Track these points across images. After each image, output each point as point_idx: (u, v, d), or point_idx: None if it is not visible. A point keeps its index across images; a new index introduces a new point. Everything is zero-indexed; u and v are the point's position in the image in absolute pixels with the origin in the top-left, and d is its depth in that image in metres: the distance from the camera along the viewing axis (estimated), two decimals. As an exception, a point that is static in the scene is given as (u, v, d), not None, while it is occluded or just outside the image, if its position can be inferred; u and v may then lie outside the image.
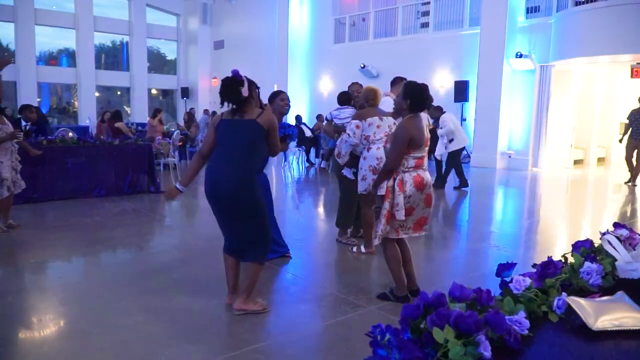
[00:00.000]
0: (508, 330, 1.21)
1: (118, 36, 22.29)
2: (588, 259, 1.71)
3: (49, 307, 3.45)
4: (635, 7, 10.10)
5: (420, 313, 1.24)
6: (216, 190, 3.16)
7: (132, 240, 5.30)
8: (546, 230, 6.42)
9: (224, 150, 3.20)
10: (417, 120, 3.47)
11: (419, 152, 3.44)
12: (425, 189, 3.44)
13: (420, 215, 3.50)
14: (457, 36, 14.06)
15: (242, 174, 3.15)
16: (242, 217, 3.20)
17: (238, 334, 3.07)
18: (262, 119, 3.18)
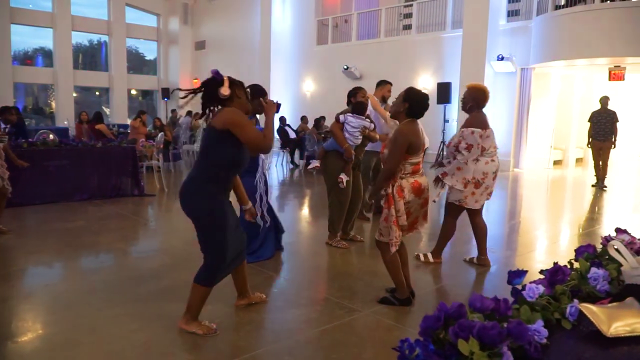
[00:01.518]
0: (529, 340, 1.21)
1: (95, 36, 21.94)
2: (594, 265, 1.73)
3: (37, 316, 3.37)
4: (613, 12, 10.31)
5: (441, 324, 1.24)
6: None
7: (119, 245, 5.21)
8: (531, 231, 6.50)
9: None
10: (415, 125, 3.49)
11: (415, 158, 3.46)
12: (423, 194, 3.48)
13: (414, 216, 3.54)
14: (439, 38, 14.18)
15: (190, 186, 3.02)
16: (196, 227, 3.08)
17: (234, 342, 3.04)
18: (215, 121, 2.92)
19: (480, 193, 4.42)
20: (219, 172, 2.98)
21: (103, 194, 7.48)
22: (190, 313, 3.12)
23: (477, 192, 4.40)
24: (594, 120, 9.58)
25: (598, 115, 9.57)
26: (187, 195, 3.00)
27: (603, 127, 9.35)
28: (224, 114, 2.93)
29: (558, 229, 6.66)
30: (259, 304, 3.56)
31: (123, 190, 7.71)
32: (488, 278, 4.47)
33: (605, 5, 10.37)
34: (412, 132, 3.44)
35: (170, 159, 10.53)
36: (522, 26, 12.55)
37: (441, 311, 1.25)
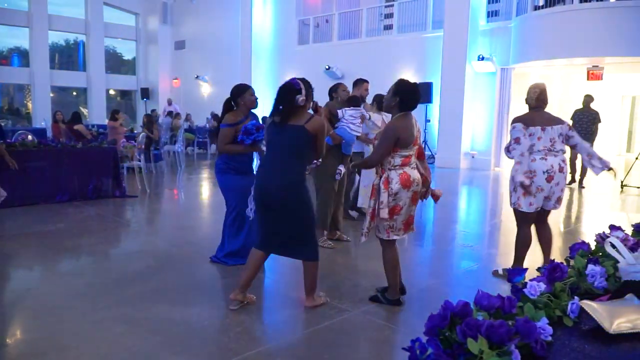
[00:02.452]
0: (536, 338, 1.20)
1: (72, 35, 21.58)
2: (591, 262, 1.74)
3: (21, 321, 3.29)
4: (591, 12, 10.48)
5: (447, 323, 1.23)
6: (265, 195, 3.34)
7: (102, 247, 5.12)
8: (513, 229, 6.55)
9: (272, 155, 3.41)
10: (406, 119, 3.48)
11: (406, 151, 3.43)
12: (412, 187, 3.42)
13: (408, 214, 3.50)
14: (420, 39, 14.26)
15: (291, 180, 3.33)
16: (294, 220, 3.35)
17: (224, 344, 2.99)
18: (310, 125, 3.33)
19: (533, 194, 4.04)
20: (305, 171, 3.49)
21: (84, 195, 7.34)
22: (314, 290, 3.51)
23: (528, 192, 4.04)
24: (575, 119, 9.47)
25: (580, 114, 9.48)
26: (295, 194, 3.33)
27: (585, 127, 9.27)
28: (319, 121, 3.43)
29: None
30: (248, 305, 3.52)
31: (104, 191, 7.58)
32: (473, 276, 4.50)
33: (584, 5, 10.53)
34: (402, 126, 3.43)
35: (151, 160, 10.38)
36: (502, 26, 12.69)
37: (447, 310, 1.24)
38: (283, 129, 3.35)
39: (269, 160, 3.42)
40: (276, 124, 3.38)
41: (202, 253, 4.80)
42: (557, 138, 4.06)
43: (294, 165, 3.36)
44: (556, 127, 4.07)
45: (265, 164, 3.44)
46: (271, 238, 3.45)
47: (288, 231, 3.38)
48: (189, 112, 18.07)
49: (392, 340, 3.15)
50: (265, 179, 3.37)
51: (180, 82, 22.16)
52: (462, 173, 12.13)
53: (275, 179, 3.31)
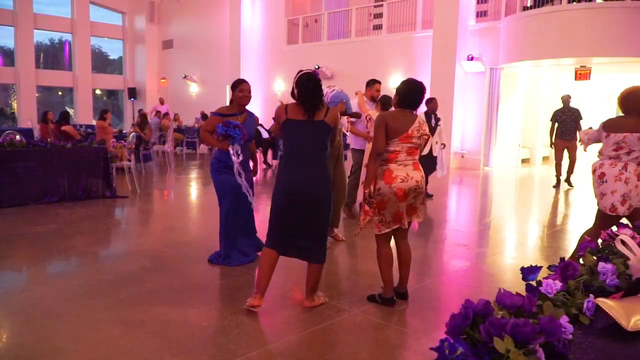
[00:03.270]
0: (559, 336, 1.19)
1: (56, 34, 21.33)
2: (601, 260, 1.74)
3: (15, 324, 3.22)
4: (580, 13, 10.58)
5: (470, 322, 1.21)
6: (298, 192, 3.29)
7: (95, 248, 5.05)
8: (504, 229, 6.60)
9: (300, 152, 3.33)
10: (399, 112, 3.49)
11: (392, 146, 3.42)
12: (394, 183, 3.38)
13: (395, 209, 3.46)
14: (409, 38, 14.29)
15: (323, 176, 3.34)
16: (319, 217, 3.35)
17: (224, 345, 2.96)
18: (329, 119, 3.31)
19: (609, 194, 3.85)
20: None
21: (73, 196, 7.25)
22: (315, 290, 3.51)
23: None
24: (558, 120, 9.57)
25: (562, 114, 9.57)
26: (327, 191, 3.36)
27: (568, 126, 9.40)
28: (335, 112, 3.38)
29: (529, 226, 6.79)
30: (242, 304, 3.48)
31: (94, 192, 7.49)
32: (468, 275, 4.50)
33: (572, 6, 10.63)
34: (390, 115, 3.47)
35: (140, 160, 10.28)
36: (490, 27, 12.77)
37: (468, 309, 1.22)
38: (309, 125, 3.29)
39: (298, 158, 3.32)
40: (296, 120, 3.30)
41: (197, 253, 4.76)
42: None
43: (323, 161, 3.35)
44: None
45: (295, 162, 3.33)
46: (288, 238, 3.38)
47: (310, 230, 3.35)
48: (177, 112, 17.94)
49: (393, 340, 3.13)
50: (300, 176, 3.29)
51: (168, 81, 22.01)
52: (452, 172, 12.17)
53: (311, 176, 3.28)
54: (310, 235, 3.35)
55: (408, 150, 3.48)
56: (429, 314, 3.54)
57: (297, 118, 3.30)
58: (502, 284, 4.25)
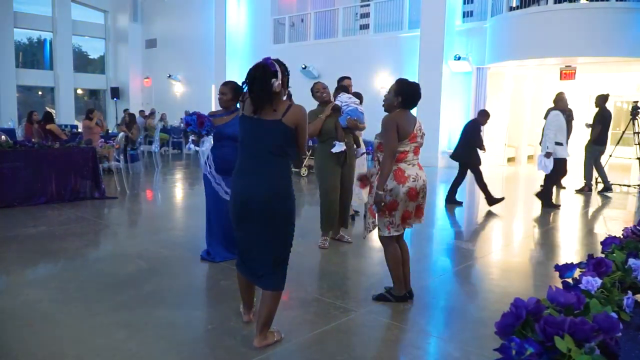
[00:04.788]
0: (616, 333, 1.18)
1: (35, 33, 20.93)
2: (630, 256, 1.73)
3: (14, 329, 3.11)
4: (565, 13, 10.71)
5: (522, 321, 1.19)
6: (244, 206, 2.73)
7: (89, 250, 4.94)
8: (502, 227, 6.64)
9: (248, 157, 2.77)
10: (404, 114, 3.49)
11: (401, 147, 3.43)
12: (407, 182, 3.41)
13: (404, 209, 3.47)
14: (396, 38, 14.33)
15: (276, 187, 2.73)
16: (271, 236, 2.75)
17: (232, 347, 2.90)
18: (289, 119, 2.71)
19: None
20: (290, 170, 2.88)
21: (62, 197, 7.09)
22: (268, 325, 2.87)
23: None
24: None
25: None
26: (282, 197, 2.74)
27: None
28: (298, 112, 2.75)
29: (525, 224, 6.83)
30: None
31: (82, 193, 7.33)
32: (469, 273, 4.49)
33: (558, 6, 10.75)
34: (400, 117, 3.45)
35: (127, 160, 10.12)
36: (477, 27, 12.87)
37: (520, 308, 1.19)
38: (258, 124, 2.71)
39: (246, 163, 2.77)
40: (247, 117, 2.75)
41: (193, 254, 4.68)
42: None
43: (277, 167, 2.74)
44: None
45: (242, 167, 2.78)
46: (247, 260, 2.87)
47: (263, 251, 2.77)
48: (161, 112, 17.73)
49: (402, 340, 3.11)
50: (245, 186, 2.73)
51: (151, 81, 21.75)
52: (439, 171, 12.22)
53: (257, 186, 2.69)
54: (267, 258, 2.77)
55: (414, 150, 3.52)
56: (434, 313, 3.53)
57: (247, 115, 2.76)
58: (504, 281, 4.26)
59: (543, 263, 4.84)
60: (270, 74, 2.67)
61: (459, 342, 3.01)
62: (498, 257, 5.05)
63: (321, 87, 4.92)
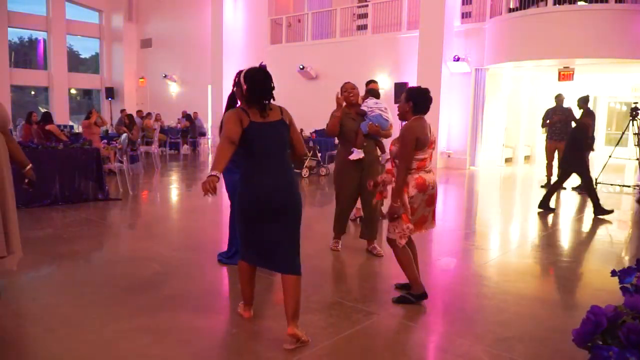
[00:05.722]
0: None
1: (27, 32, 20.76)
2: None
3: (38, 335, 3.07)
4: (564, 15, 10.77)
5: (603, 328, 1.19)
6: (274, 201, 2.90)
7: (100, 253, 4.91)
8: (505, 227, 6.67)
9: (268, 157, 2.94)
10: (421, 121, 3.54)
11: (422, 154, 3.50)
12: (427, 190, 3.49)
13: (420, 214, 3.54)
14: (395, 39, 14.34)
15: (294, 180, 3.06)
16: (292, 224, 3.01)
17: (260, 352, 2.89)
18: (287, 117, 3.05)
19: None
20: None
21: (65, 199, 7.02)
22: (299, 313, 2.98)
23: None
24: (550, 118, 9.47)
25: (553, 113, 9.46)
26: (297, 191, 3.05)
27: (559, 126, 9.29)
28: (287, 111, 3.08)
29: (529, 226, 6.86)
30: (269, 311, 3.41)
31: (86, 194, 7.27)
32: (482, 274, 4.50)
33: (557, 8, 10.81)
34: (418, 127, 3.49)
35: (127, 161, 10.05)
36: (476, 28, 12.90)
37: (599, 315, 1.19)
38: (269, 126, 2.92)
39: (267, 163, 2.94)
40: (259, 122, 2.90)
41: (207, 257, 4.67)
42: None
43: (290, 164, 3.07)
44: None
45: (264, 168, 2.93)
46: (262, 248, 3.03)
47: (290, 240, 2.99)
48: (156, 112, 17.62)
49: (428, 343, 3.11)
50: (273, 184, 2.91)
51: (146, 81, 21.63)
52: (438, 172, 12.25)
53: (284, 182, 2.94)
54: (291, 244, 3.00)
55: (430, 156, 3.59)
56: (456, 315, 3.53)
57: (258, 120, 2.91)
58: (519, 283, 4.28)
59: (554, 263, 4.86)
60: (271, 79, 2.97)
61: (485, 345, 3.01)
62: (510, 258, 5.07)
63: (350, 87, 4.79)
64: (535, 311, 3.64)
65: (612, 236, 6.20)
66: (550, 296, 4.08)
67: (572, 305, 3.86)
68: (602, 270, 4.66)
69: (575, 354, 2.95)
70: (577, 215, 7.41)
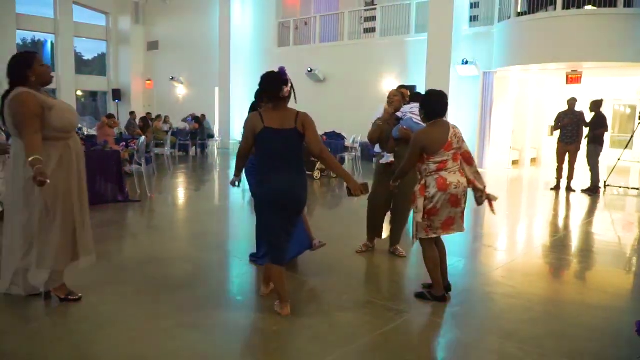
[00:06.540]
0: None
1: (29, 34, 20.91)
2: None
3: (87, 332, 3.19)
4: (573, 19, 10.91)
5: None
6: (286, 197, 3.26)
7: (131, 254, 5.04)
8: (522, 230, 6.79)
9: (279, 160, 3.26)
10: (435, 127, 3.67)
11: (438, 157, 3.62)
12: (449, 189, 3.58)
13: (447, 216, 3.65)
14: (403, 42, 14.49)
15: (303, 184, 3.37)
16: (298, 219, 3.52)
17: (303, 348, 3.02)
18: (299, 124, 3.25)
19: None
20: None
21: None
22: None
23: None
24: (561, 121, 9.51)
25: (565, 116, 9.52)
26: (301, 191, 3.34)
27: (570, 130, 9.38)
28: (308, 117, 3.29)
29: (542, 228, 6.99)
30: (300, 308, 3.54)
31: (106, 196, 7.40)
32: (505, 275, 4.61)
33: (566, 12, 10.94)
34: (427, 135, 3.63)
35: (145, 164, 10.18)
36: (484, 31, 13.04)
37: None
38: (280, 133, 3.21)
39: (277, 165, 3.24)
40: (271, 128, 3.20)
41: (235, 256, 4.82)
42: None
43: (301, 166, 3.36)
44: None
45: (274, 168, 3.24)
46: (286, 245, 3.40)
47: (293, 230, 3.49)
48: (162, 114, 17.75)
49: (460, 340, 3.23)
50: (280, 183, 3.23)
51: (153, 83, 21.78)
52: (447, 174, 12.37)
53: (290, 182, 3.26)
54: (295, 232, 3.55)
55: (453, 157, 3.69)
56: (484, 314, 3.66)
57: (271, 126, 3.21)
58: (539, 283, 4.42)
59: (571, 264, 4.99)
60: (282, 81, 3.18)
61: (516, 342, 3.14)
62: (528, 259, 5.20)
63: (392, 94, 4.90)
64: (560, 310, 3.77)
65: (621, 238, 6.36)
66: (572, 296, 4.20)
67: (594, 305, 3.97)
68: (615, 271, 4.82)
69: (604, 350, 3.10)
70: (588, 218, 7.54)
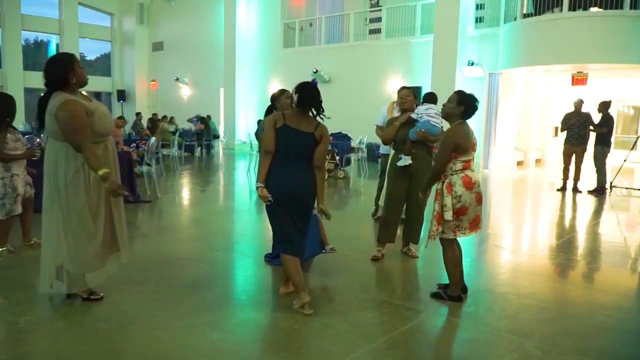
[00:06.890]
0: None
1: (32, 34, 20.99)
2: None
3: (112, 330, 3.23)
4: (576, 20, 10.94)
5: None
6: (294, 190, 3.44)
7: (147, 254, 5.04)
8: (531, 230, 6.83)
9: (292, 158, 3.46)
10: (465, 126, 3.72)
11: (466, 156, 3.68)
12: (474, 188, 3.67)
13: (474, 214, 3.72)
14: (408, 43, 14.54)
15: (312, 185, 3.53)
16: (308, 216, 3.64)
17: (324, 347, 3.06)
18: (317, 132, 3.48)
19: None
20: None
21: (99, 201, 7.20)
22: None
23: None
24: (567, 123, 9.55)
25: (571, 118, 9.55)
26: (308, 190, 3.52)
27: (577, 131, 9.40)
28: (326, 130, 3.53)
29: (551, 229, 7.03)
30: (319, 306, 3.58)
31: (117, 197, 7.44)
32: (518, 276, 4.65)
33: (572, 14, 10.97)
34: (460, 133, 3.68)
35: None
36: (490, 33, 13.08)
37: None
38: (298, 133, 3.43)
39: (289, 163, 3.45)
40: (291, 127, 3.43)
41: (248, 256, 4.87)
42: None
43: (307, 169, 3.50)
44: None
45: (286, 165, 3.44)
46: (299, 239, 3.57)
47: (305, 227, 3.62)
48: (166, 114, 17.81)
49: (481, 339, 3.27)
50: (293, 179, 3.43)
51: (158, 84, 21.85)
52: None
53: (298, 180, 3.45)
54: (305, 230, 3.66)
55: (473, 157, 3.74)
56: (500, 314, 3.70)
57: (291, 126, 3.44)
58: (552, 283, 4.46)
59: (581, 265, 5.03)
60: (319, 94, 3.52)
61: (534, 341, 3.18)
62: (539, 260, 5.23)
63: (404, 94, 4.90)
64: (575, 310, 3.81)
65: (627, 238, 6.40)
66: (584, 296, 4.24)
67: (607, 305, 4.00)
68: (624, 272, 4.86)
69: (621, 348, 3.15)
70: (595, 219, 7.58)
